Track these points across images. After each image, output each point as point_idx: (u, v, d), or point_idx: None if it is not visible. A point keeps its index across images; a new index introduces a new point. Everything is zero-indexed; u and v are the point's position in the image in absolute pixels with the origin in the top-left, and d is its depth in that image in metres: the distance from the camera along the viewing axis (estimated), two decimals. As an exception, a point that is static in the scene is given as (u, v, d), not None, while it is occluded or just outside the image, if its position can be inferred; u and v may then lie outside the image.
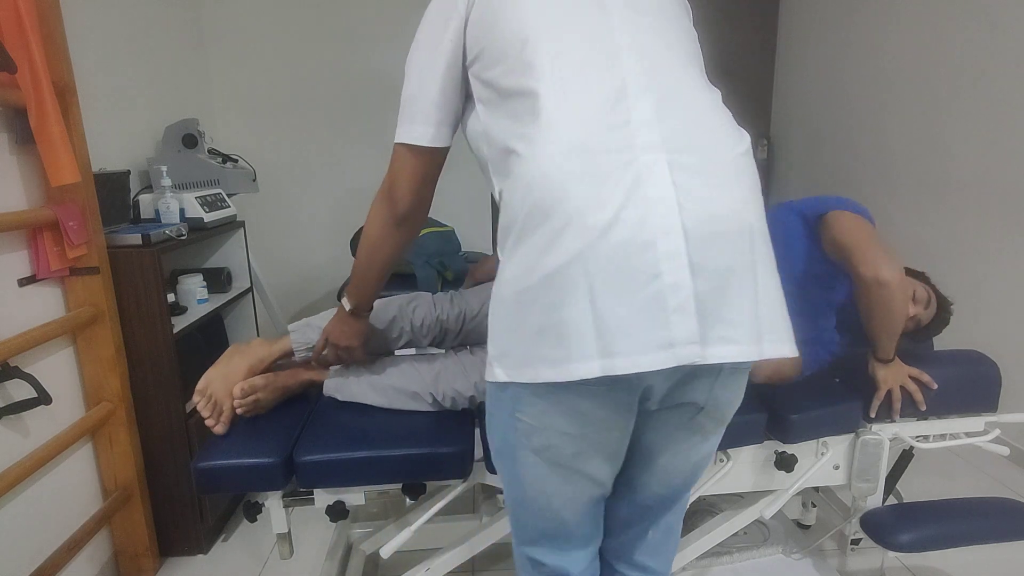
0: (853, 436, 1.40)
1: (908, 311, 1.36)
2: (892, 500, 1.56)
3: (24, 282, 1.42)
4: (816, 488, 1.73)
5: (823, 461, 1.40)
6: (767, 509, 1.43)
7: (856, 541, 1.63)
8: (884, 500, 1.48)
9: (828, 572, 1.57)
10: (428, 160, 0.92)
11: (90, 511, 1.58)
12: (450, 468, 1.19)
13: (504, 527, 1.36)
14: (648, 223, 0.72)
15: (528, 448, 0.85)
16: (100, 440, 1.62)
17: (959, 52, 2.34)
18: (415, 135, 0.90)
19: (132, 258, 1.60)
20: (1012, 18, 2.12)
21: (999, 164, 2.20)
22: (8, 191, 1.38)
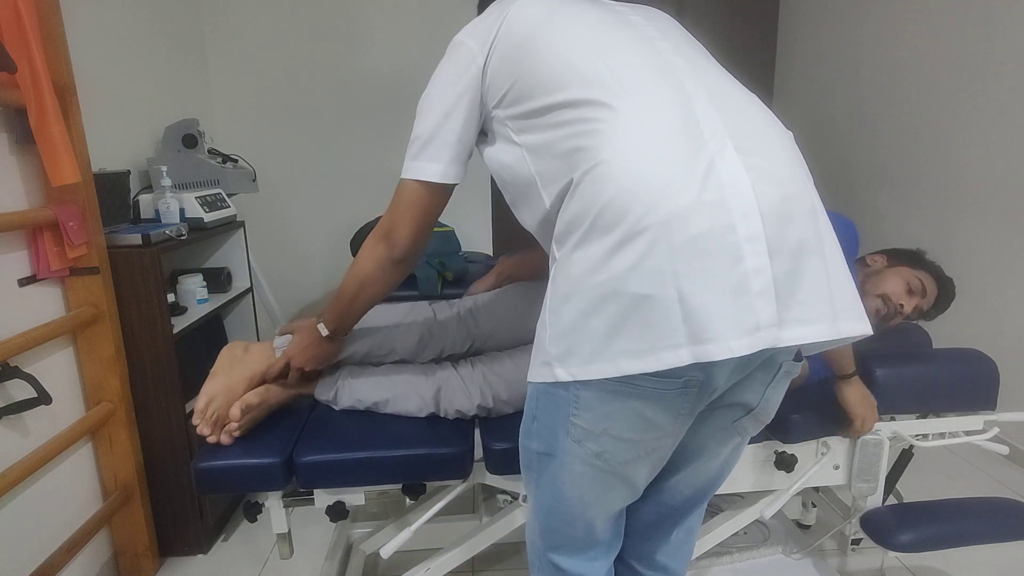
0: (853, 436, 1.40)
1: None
2: (892, 500, 1.56)
3: (24, 282, 1.42)
4: (816, 488, 1.73)
5: (823, 461, 1.40)
6: (767, 509, 1.43)
7: (856, 541, 1.63)
8: (884, 500, 1.48)
9: (828, 572, 1.57)
10: (439, 198, 0.93)
11: (90, 511, 1.58)
12: (450, 468, 1.19)
13: (504, 527, 1.36)
14: (727, 206, 0.71)
15: (577, 455, 0.83)
16: (100, 440, 1.62)
17: (960, 50, 2.34)
18: (439, 172, 0.90)
19: (132, 258, 1.60)
20: (1012, 17, 2.12)
21: (999, 163, 2.20)
22: (8, 191, 1.38)
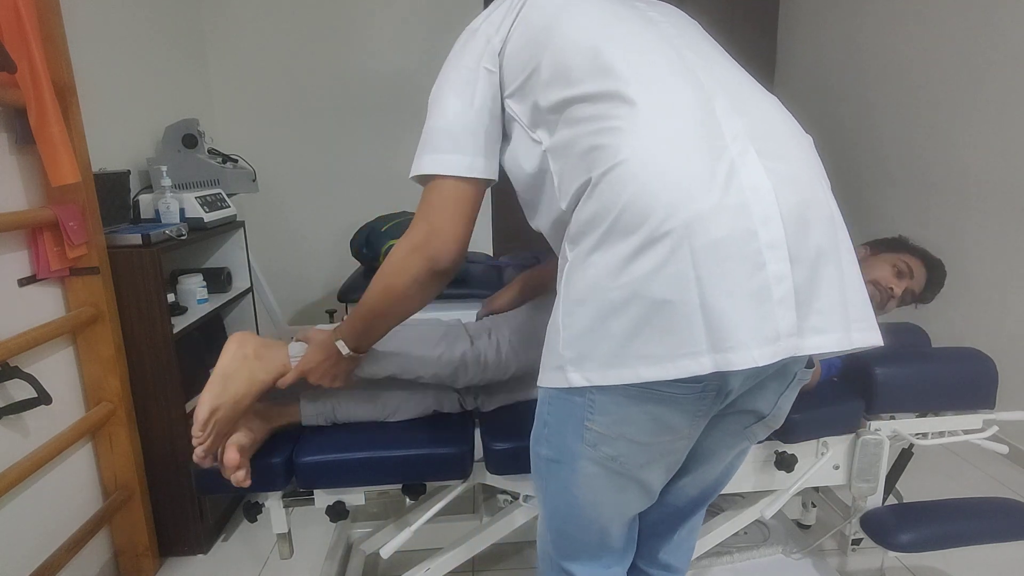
0: (853, 436, 1.40)
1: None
2: (892, 500, 1.56)
3: (24, 282, 1.42)
4: (816, 488, 1.73)
5: (823, 461, 1.40)
6: (767, 509, 1.43)
7: (856, 541, 1.63)
8: (884, 500, 1.48)
9: (828, 572, 1.57)
10: (473, 195, 0.84)
11: (90, 511, 1.58)
12: (450, 468, 1.19)
13: (504, 527, 1.36)
14: (749, 211, 0.70)
15: (591, 459, 0.81)
16: (100, 440, 1.62)
17: (962, 46, 2.34)
18: (454, 165, 0.82)
19: (132, 258, 1.60)
20: (1013, 16, 2.12)
21: (998, 162, 2.20)
22: (8, 191, 1.38)
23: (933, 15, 2.44)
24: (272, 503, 1.24)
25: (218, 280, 2.01)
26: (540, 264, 1.43)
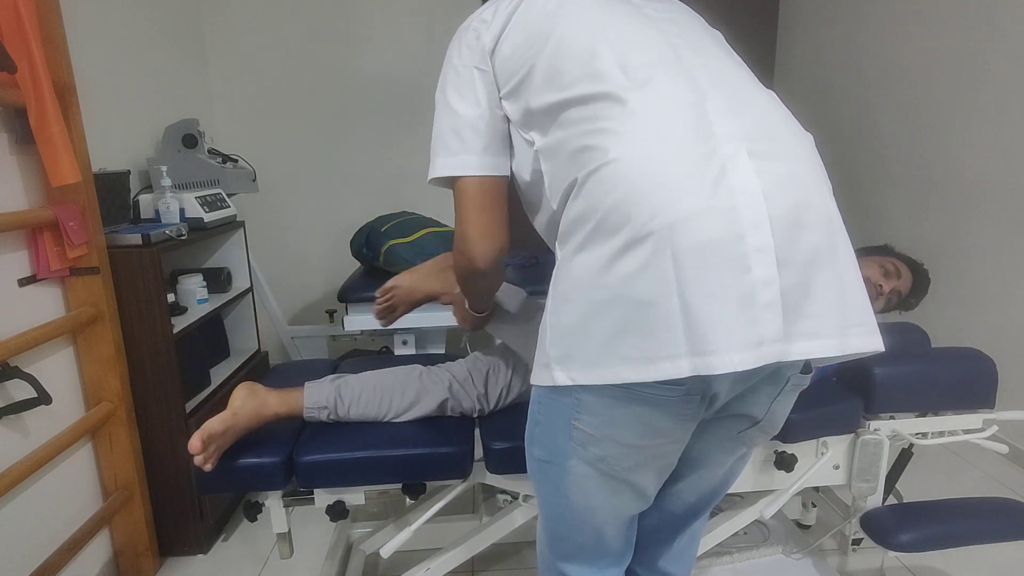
0: (853, 436, 1.40)
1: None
2: (892, 500, 1.56)
3: (24, 282, 1.42)
4: (816, 488, 1.73)
5: (823, 461, 1.40)
6: (767, 509, 1.43)
7: (857, 541, 1.63)
8: (884, 500, 1.48)
9: (828, 572, 1.57)
10: (494, 193, 0.85)
11: (90, 511, 1.58)
12: (450, 468, 1.19)
13: (504, 527, 1.36)
14: (737, 215, 0.69)
15: (582, 458, 0.81)
16: (100, 440, 1.62)
17: (959, 50, 2.34)
18: (464, 164, 0.83)
19: (132, 258, 1.60)
20: (1013, 16, 2.12)
21: (998, 162, 2.20)
22: (8, 191, 1.38)
23: (933, 15, 2.44)
24: (272, 503, 1.24)
25: (218, 280, 2.01)
26: None
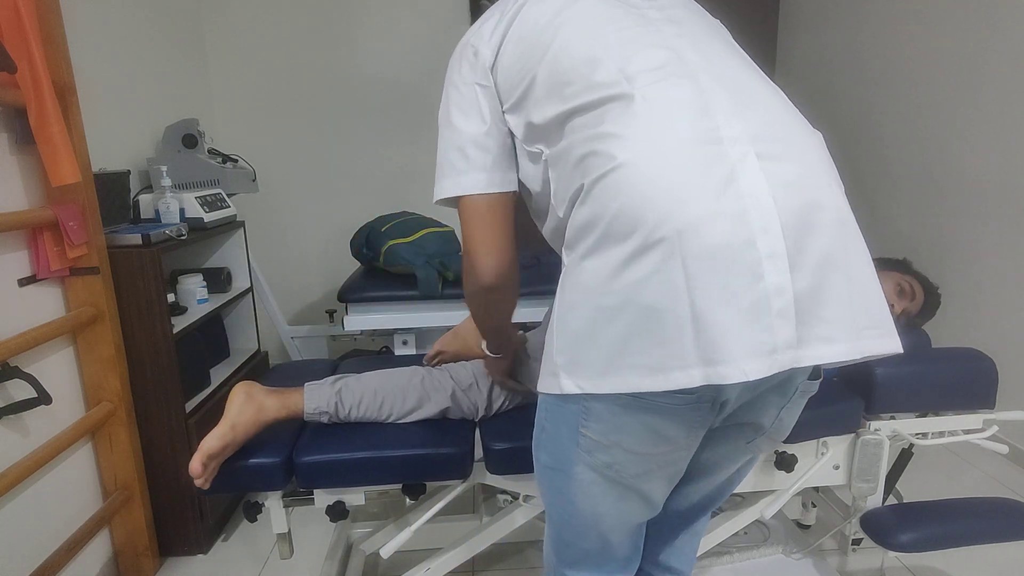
0: (853, 436, 1.40)
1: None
2: (892, 500, 1.56)
3: (24, 282, 1.41)
4: (816, 488, 1.73)
5: (823, 461, 1.40)
6: (767, 509, 1.43)
7: (857, 541, 1.63)
8: (884, 500, 1.48)
9: (828, 572, 1.57)
10: (499, 210, 0.85)
11: (90, 511, 1.58)
12: (450, 468, 1.19)
13: (504, 527, 1.36)
14: (747, 220, 0.68)
15: (588, 465, 0.81)
16: (100, 440, 1.62)
17: (959, 50, 2.34)
18: (472, 183, 0.83)
19: (132, 258, 1.60)
20: (1012, 16, 2.12)
21: (998, 163, 2.20)
22: (8, 191, 1.38)
23: (933, 14, 2.44)
24: (272, 503, 1.24)
25: (218, 280, 2.01)
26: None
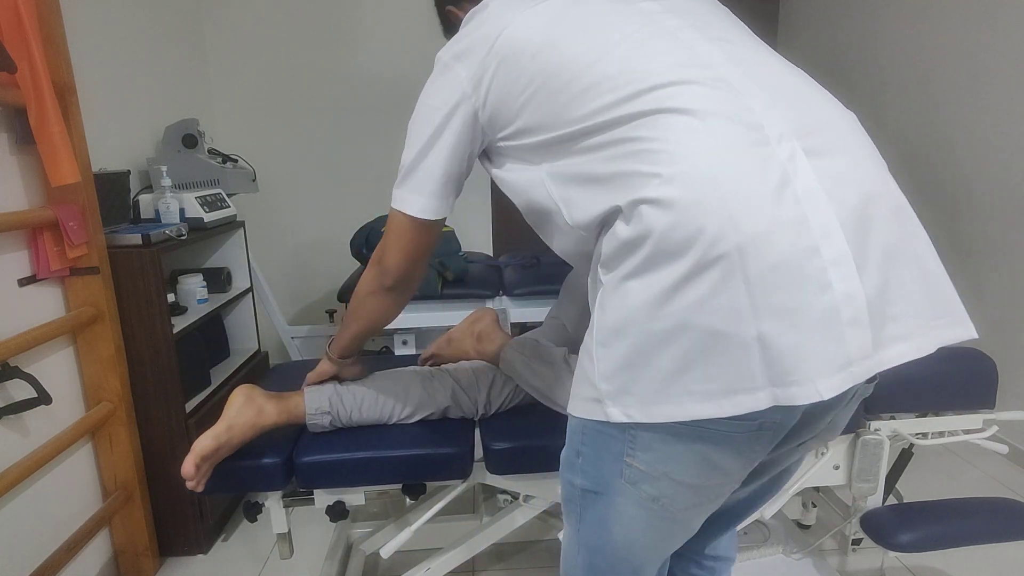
0: (853, 436, 1.40)
1: None
2: (892, 500, 1.56)
3: (24, 282, 1.42)
4: (816, 488, 1.73)
5: (823, 461, 1.40)
6: (767, 509, 1.42)
7: (857, 541, 1.63)
8: (884, 500, 1.48)
9: (828, 572, 1.57)
10: (424, 233, 0.89)
11: (90, 511, 1.58)
12: (450, 469, 1.19)
13: (504, 527, 1.36)
14: (807, 225, 0.63)
15: (631, 498, 0.75)
16: (100, 440, 1.62)
17: (957, 49, 2.34)
18: (419, 207, 0.86)
19: (132, 258, 1.60)
20: (1012, 16, 2.12)
21: (998, 163, 2.20)
22: (8, 191, 1.38)
23: (934, 13, 2.44)
24: (272, 503, 1.24)
25: (218, 280, 2.01)
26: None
